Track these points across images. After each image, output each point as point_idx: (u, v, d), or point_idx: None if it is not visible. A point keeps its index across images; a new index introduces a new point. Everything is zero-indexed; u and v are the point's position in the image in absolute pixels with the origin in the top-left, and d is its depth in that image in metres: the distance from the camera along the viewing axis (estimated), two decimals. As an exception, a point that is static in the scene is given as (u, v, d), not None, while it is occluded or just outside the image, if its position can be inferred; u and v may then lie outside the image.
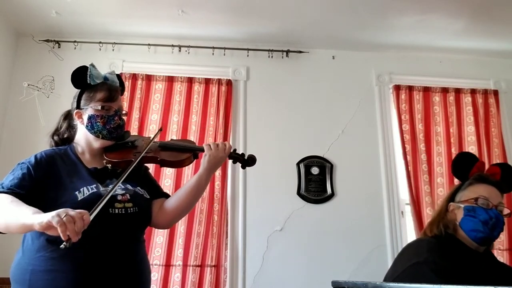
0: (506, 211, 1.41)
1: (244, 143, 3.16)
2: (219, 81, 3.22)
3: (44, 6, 2.88)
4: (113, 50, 3.24)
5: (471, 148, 3.29)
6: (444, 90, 3.41)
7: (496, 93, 3.45)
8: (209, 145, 1.43)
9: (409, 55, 3.52)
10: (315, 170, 3.18)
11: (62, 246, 0.97)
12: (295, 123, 3.27)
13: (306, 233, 3.04)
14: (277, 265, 2.96)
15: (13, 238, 3.00)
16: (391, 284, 0.93)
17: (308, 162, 3.19)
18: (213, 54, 3.31)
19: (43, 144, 3.14)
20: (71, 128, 1.47)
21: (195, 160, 1.51)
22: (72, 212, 1.00)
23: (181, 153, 1.45)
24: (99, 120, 1.37)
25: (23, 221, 1.06)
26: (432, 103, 3.38)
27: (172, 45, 3.25)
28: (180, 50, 3.28)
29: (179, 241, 2.87)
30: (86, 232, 1.14)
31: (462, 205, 1.40)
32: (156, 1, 2.84)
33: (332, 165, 3.20)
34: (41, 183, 1.25)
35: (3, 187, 1.20)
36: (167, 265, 2.82)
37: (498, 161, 3.26)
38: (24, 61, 3.19)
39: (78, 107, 1.41)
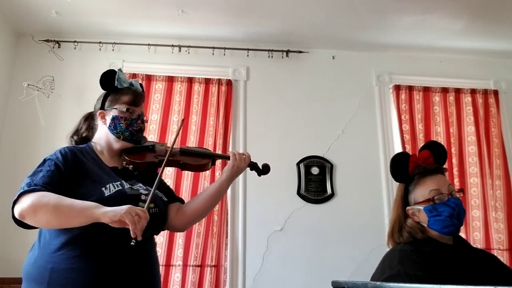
0: (457, 190, 1.40)
1: (244, 143, 3.16)
2: (219, 81, 3.22)
3: (44, 6, 2.88)
4: (113, 50, 3.24)
5: (471, 148, 3.29)
6: (444, 90, 3.41)
7: (496, 93, 3.45)
8: (235, 155, 1.50)
9: (409, 55, 3.52)
10: (315, 170, 3.18)
11: (132, 243, 1.10)
12: (295, 123, 3.27)
13: (306, 233, 3.04)
14: (277, 265, 2.96)
15: (13, 239, 3.00)
16: (391, 284, 0.93)
17: (308, 162, 3.19)
18: (213, 54, 3.31)
19: (43, 144, 3.16)
20: (91, 128, 1.51)
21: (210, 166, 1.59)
22: (138, 211, 1.13)
23: (201, 158, 1.53)
24: (122, 122, 1.41)
25: (88, 212, 1.14)
26: (432, 103, 3.38)
27: (172, 45, 3.25)
28: (180, 50, 3.28)
29: (179, 241, 2.87)
30: (110, 230, 1.18)
31: (421, 207, 1.38)
32: (156, 1, 2.84)
33: (332, 165, 3.20)
34: (70, 178, 1.27)
35: (36, 184, 1.21)
36: (167, 265, 2.82)
37: (498, 162, 3.27)
38: (24, 61, 3.19)
39: (102, 107, 1.45)
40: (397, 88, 3.37)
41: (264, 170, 1.59)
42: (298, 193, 3.13)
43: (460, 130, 3.33)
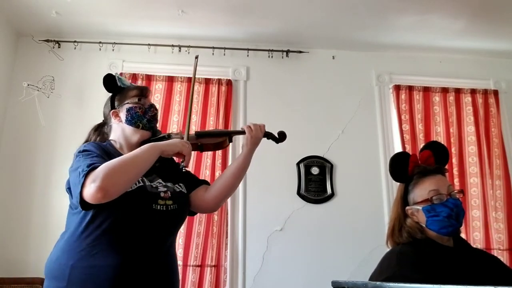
0: (457, 191, 1.40)
1: (244, 143, 3.15)
2: (219, 81, 3.22)
3: (44, 6, 2.88)
4: (113, 50, 3.24)
5: (471, 148, 3.29)
6: (444, 90, 3.41)
7: (496, 93, 3.45)
8: (250, 127, 1.54)
9: (409, 55, 3.52)
10: (315, 170, 3.18)
11: (183, 169, 1.38)
12: (295, 123, 3.26)
13: (306, 233, 3.04)
14: (277, 265, 2.96)
15: (13, 239, 3.00)
16: (391, 284, 0.92)
17: (308, 162, 3.19)
18: (213, 54, 3.31)
19: (43, 144, 3.16)
20: (103, 134, 1.53)
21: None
22: (188, 145, 1.35)
23: (217, 137, 1.56)
24: (138, 110, 1.45)
25: (155, 149, 1.26)
26: (432, 103, 3.38)
27: (172, 45, 3.25)
28: (180, 50, 3.28)
29: (179, 241, 2.87)
30: (130, 228, 1.24)
31: (420, 207, 1.38)
32: (156, 1, 2.84)
33: (332, 165, 3.20)
34: None
35: (92, 163, 1.17)
36: (167, 265, 2.82)
37: (498, 162, 3.27)
38: (24, 61, 3.19)
39: (113, 108, 1.49)
40: (397, 88, 3.37)
41: (280, 137, 1.63)
42: (298, 193, 3.13)
43: (460, 130, 3.33)
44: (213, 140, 1.54)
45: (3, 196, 2.91)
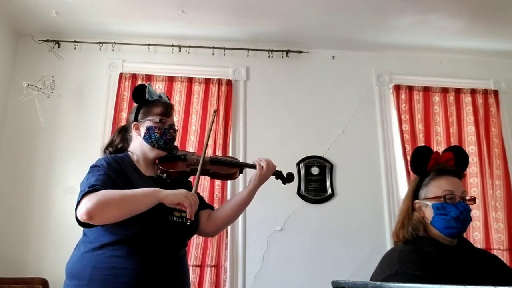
0: (469, 197, 1.42)
1: (244, 143, 3.16)
2: (219, 81, 3.22)
3: (44, 6, 2.88)
4: (113, 50, 3.24)
5: (471, 148, 3.29)
6: (444, 90, 3.41)
7: (496, 93, 3.45)
8: (261, 166, 1.58)
9: (409, 55, 3.52)
10: (315, 170, 3.18)
11: (188, 223, 1.30)
12: (295, 123, 3.27)
13: (306, 233, 3.04)
14: (277, 265, 2.96)
15: (13, 239, 2.99)
16: (391, 284, 0.92)
17: (308, 162, 3.19)
18: (213, 54, 3.31)
19: (43, 144, 3.16)
20: (125, 140, 1.59)
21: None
22: (193, 196, 1.29)
23: (230, 167, 1.61)
24: (156, 131, 1.51)
25: (153, 196, 1.26)
26: (432, 103, 3.38)
27: (172, 45, 3.25)
28: (180, 50, 3.28)
29: (179, 241, 2.87)
30: (148, 236, 1.32)
31: (430, 203, 1.39)
32: (156, 1, 2.84)
33: (332, 165, 3.20)
34: (116, 185, 1.35)
35: (94, 185, 1.27)
36: (167, 265, 2.82)
37: (498, 162, 3.27)
38: (24, 61, 3.19)
39: (136, 120, 1.55)
40: (397, 88, 3.37)
41: (288, 178, 1.69)
42: (298, 193, 3.13)
43: (460, 130, 3.33)
44: (225, 170, 1.59)
45: (3, 196, 2.91)
